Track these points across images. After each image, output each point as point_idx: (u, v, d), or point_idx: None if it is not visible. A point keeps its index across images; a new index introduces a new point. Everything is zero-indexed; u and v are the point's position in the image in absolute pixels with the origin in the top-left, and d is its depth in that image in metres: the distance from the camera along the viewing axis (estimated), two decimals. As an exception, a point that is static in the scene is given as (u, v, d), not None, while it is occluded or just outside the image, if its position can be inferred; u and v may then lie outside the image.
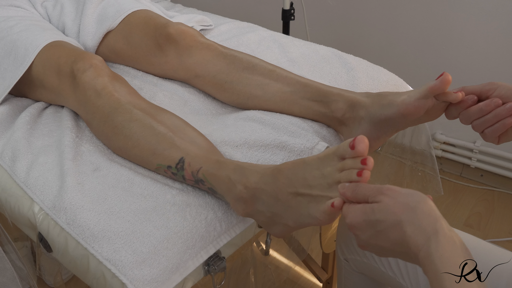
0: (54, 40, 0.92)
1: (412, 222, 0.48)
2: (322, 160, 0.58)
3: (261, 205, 0.64)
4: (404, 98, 0.71)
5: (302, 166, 0.60)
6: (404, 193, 0.50)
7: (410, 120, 0.72)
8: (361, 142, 0.54)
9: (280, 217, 0.63)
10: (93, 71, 0.82)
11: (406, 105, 0.71)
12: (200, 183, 0.70)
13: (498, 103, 0.63)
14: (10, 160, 0.79)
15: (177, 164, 0.71)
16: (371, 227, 0.51)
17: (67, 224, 0.68)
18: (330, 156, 0.58)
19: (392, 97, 0.74)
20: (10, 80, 0.91)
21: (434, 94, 0.68)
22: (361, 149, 0.54)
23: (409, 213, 0.49)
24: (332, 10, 1.79)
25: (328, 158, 0.58)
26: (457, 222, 1.57)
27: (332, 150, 0.58)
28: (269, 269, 1.40)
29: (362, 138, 0.54)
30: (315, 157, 0.59)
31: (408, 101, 0.70)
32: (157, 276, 0.61)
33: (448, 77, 0.66)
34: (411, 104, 0.70)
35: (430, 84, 0.67)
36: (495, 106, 0.64)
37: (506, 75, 1.52)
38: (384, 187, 0.52)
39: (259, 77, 0.88)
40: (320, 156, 0.59)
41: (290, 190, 0.60)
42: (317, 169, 0.58)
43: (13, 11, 1.06)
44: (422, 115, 0.71)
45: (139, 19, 1.01)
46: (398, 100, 0.72)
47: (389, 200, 0.50)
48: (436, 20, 1.58)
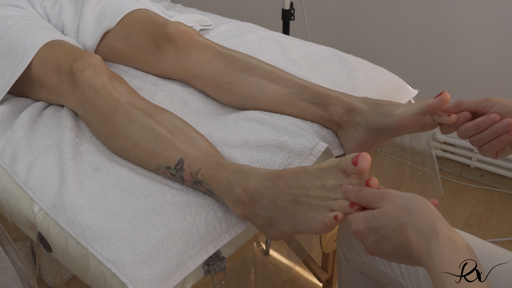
0: (53, 39, 0.92)
1: (412, 224, 0.49)
2: (324, 171, 0.58)
3: (259, 208, 0.64)
4: (402, 111, 0.72)
5: (303, 175, 0.60)
6: (403, 197, 0.51)
7: (405, 131, 0.73)
8: (364, 160, 0.54)
9: (276, 222, 0.63)
10: (92, 70, 0.82)
11: (403, 119, 0.71)
12: (199, 184, 0.70)
13: (495, 120, 0.63)
14: (10, 160, 0.79)
15: (176, 165, 0.71)
16: (375, 233, 0.52)
17: (67, 224, 0.68)
18: (333, 169, 0.58)
19: (390, 108, 0.74)
20: (9, 79, 0.91)
21: (431, 111, 0.69)
22: (363, 167, 0.54)
23: (409, 216, 0.49)
24: (332, 10, 1.79)
25: (330, 170, 0.58)
26: (457, 222, 1.57)
27: (335, 162, 0.58)
28: (269, 269, 1.40)
29: (365, 156, 0.54)
30: (317, 167, 0.59)
31: (405, 115, 0.71)
32: (157, 276, 0.61)
33: (446, 96, 0.66)
34: (407, 119, 0.71)
35: (428, 102, 0.68)
36: (491, 123, 0.64)
37: (506, 75, 1.52)
38: (385, 192, 0.52)
39: (257, 78, 0.88)
40: (322, 167, 0.59)
41: (289, 197, 0.60)
42: (319, 179, 0.58)
43: (12, 10, 1.06)
44: (418, 129, 0.72)
45: (138, 18, 1.01)
46: (396, 112, 0.72)
47: (390, 205, 0.51)
48: (436, 20, 1.58)
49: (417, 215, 0.49)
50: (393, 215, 0.50)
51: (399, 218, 0.50)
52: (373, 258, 0.82)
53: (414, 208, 0.49)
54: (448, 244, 0.47)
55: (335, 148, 0.83)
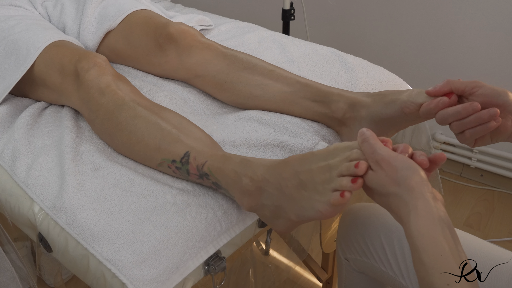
0: (56, 39, 0.92)
1: (396, 195, 0.52)
2: (331, 151, 0.59)
3: (265, 198, 0.64)
4: (406, 95, 0.73)
5: (310, 157, 0.60)
6: (395, 167, 0.53)
7: (411, 118, 0.73)
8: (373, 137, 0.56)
9: (283, 210, 0.63)
10: (97, 70, 0.82)
11: (408, 103, 0.72)
12: (205, 177, 0.69)
13: (476, 108, 0.64)
14: (10, 160, 0.79)
15: (182, 158, 0.71)
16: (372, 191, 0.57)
17: (67, 224, 0.68)
18: (341, 149, 0.59)
19: (393, 96, 0.75)
20: (10, 80, 0.91)
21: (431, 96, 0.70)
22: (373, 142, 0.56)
23: (395, 187, 0.53)
24: (332, 10, 1.79)
25: (338, 150, 0.59)
26: (457, 222, 1.57)
27: (343, 144, 0.59)
28: (269, 269, 1.40)
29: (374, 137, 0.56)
30: (325, 149, 0.60)
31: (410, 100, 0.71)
32: (157, 276, 0.61)
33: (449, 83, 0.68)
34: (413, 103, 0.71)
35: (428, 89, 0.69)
36: (473, 111, 0.64)
37: (506, 75, 1.52)
38: (379, 157, 0.54)
39: (259, 77, 0.88)
40: (330, 148, 0.60)
41: (295, 181, 0.60)
42: (324, 159, 0.59)
43: (13, 10, 1.06)
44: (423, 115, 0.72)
45: (139, 19, 1.01)
46: (400, 98, 0.73)
47: (381, 173, 0.54)
48: (436, 20, 1.58)
49: (402, 188, 0.52)
50: (382, 183, 0.54)
51: (387, 187, 0.53)
52: (373, 258, 0.82)
53: (403, 180, 0.52)
54: (426, 220, 0.50)
55: (335, 148, 0.83)
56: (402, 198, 0.52)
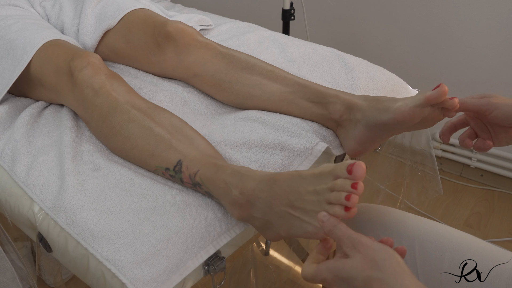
0: (52, 38, 0.92)
1: (380, 280, 0.49)
2: (317, 176, 0.58)
3: (255, 211, 0.64)
4: (400, 104, 0.71)
5: (298, 180, 0.60)
6: (374, 249, 0.51)
7: (405, 126, 0.73)
8: (360, 168, 0.54)
9: (272, 225, 0.63)
10: (90, 69, 0.82)
11: (401, 112, 0.70)
12: (198, 186, 0.70)
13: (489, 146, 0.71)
14: (10, 160, 0.79)
15: (175, 167, 0.71)
16: (345, 283, 0.52)
17: (67, 224, 0.68)
18: (326, 175, 0.58)
19: (388, 103, 0.74)
20: (8, 79, 0.91)
21: (430, 104, 0.68)
22: (359, 175, 0.54)
23: (377, 271, 0.50)
24: (332, 10, 1.79)
25: (323, 176, 0.58)
26: (457, 222, 1.57)
27: (329, 168, 0.58)
28: (270, 269, 1.40)
29: (360, 164, 0.54)
30: (311, 173, 0.59)
31: (403, 109, 0.70)
32: (157, 276, 0.61)
33: (444, 88, 0.66)
34: (406, 112, 0.70)
35: (426, 94, 0.67)
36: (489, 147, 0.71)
37: (506, 75, 1.52)
38: (357, 241, 0.52)
39: (257, 77, 0.88)
40: (316, 173, 0.59)
41: (285, 201, 0.60)
42: (311, 184, 0.58)
43: (12, 10, 1.06)
44: (418, 123, 0.72)
45: (138, 17, 1.01)
46: (394, 106, 0.72)
47: (360, 257, 0.51)
48: (436, 20, 1.58)
49: (384, 269, 0.49)
50: (362, 267, 0.51)
51: (367, 271, 0.50)
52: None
53: (383, 262, 0.50)
54: None
55: (335, 148, 0.83)
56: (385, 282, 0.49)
